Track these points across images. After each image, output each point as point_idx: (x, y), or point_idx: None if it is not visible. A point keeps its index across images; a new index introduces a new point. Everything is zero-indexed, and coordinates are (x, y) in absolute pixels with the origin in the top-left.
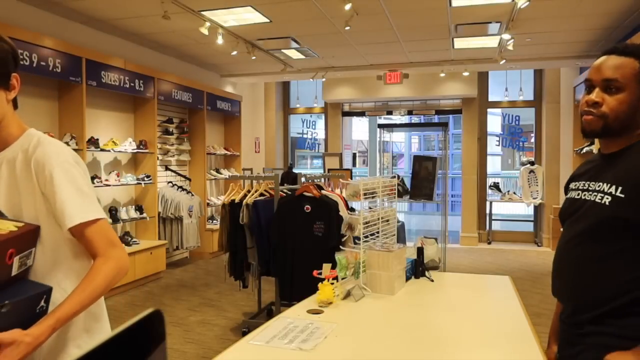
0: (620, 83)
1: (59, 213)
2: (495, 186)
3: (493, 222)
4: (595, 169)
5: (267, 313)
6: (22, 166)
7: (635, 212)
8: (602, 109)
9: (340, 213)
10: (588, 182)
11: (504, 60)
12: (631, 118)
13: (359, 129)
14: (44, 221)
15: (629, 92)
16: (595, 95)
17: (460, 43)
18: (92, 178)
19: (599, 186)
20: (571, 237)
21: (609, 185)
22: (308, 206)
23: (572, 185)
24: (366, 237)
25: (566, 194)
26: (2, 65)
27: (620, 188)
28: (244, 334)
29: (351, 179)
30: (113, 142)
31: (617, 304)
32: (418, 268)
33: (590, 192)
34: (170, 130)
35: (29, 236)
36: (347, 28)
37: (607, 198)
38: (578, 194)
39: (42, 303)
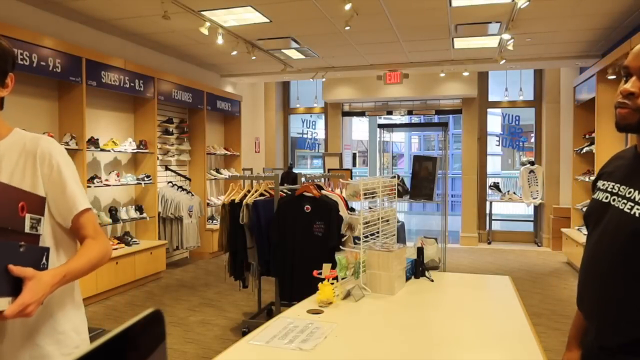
0: None
1: (69, 199)
2: (495, 186)
3: (493, 222)
4: (627, 170)
5: (267, 313)
6: (21, 157)
7: None
8: (639, 101)
9: (340, 213)
10: (618, 185)
11: (504, 60)
12: None
13: (359, 129)
14: None
15: None
16: (631, 85)
17: (460, 43)
18: (92, 178)
19: (629, 193)
20: (598, 249)
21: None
22: (308, 206)
23: (600, 184)
24: (366, 237)
25: (593, 192)
26: (3, 63)
27: None
28: (244, 334)
29: (351, 179)
30: (113, 142)
31: None
32: (418, 268)
33: (620, 199)
34: (170, 130)
35: (37, 200)
36: (347, 28)
37: (638, 209)
38: (606, 197)
39: (44, 260)
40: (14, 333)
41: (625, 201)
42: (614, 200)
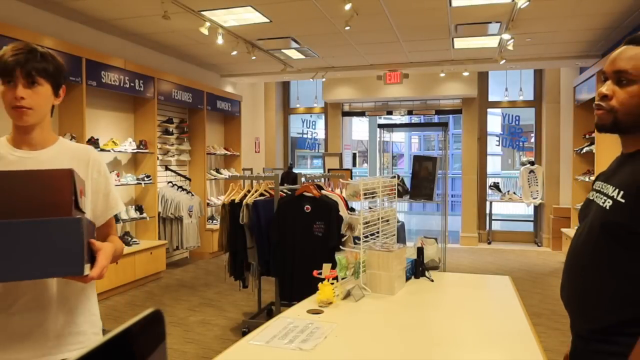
0: (632, 75)
1: (112, 201)
2: (495, 186)
3: (493, 222)
4: (613, 169)
5: (267, 313)
6: (73, 162)
7: (631, 217)
8: (611, 103)
9: (340, 213)
10: (603, 183)
11: (504, 60)
12: None
13: (359, 129)
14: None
15: None
16: (605, 88)
17: (460, 43)
18: None
19: (606, 188)
20: (577, 242)
21: (614, 188)
22: (308, 206)
23: (595, 184)
24: (366, 237)
25: None
26: (59, 76)
27: (622, 192)
28: (244, 334)
29: (351, 179)
30: (113, 142)
31: (614, 321)
32: (418, 268)
33: (600, 194)
34: (170, 130)
35: (84, 184)
36: (347, 28)
37: (609, 202)
38: (592, 195)
39: (95, 235)
40: (58, 313)
41: (602, 196)
42: (596, 197)
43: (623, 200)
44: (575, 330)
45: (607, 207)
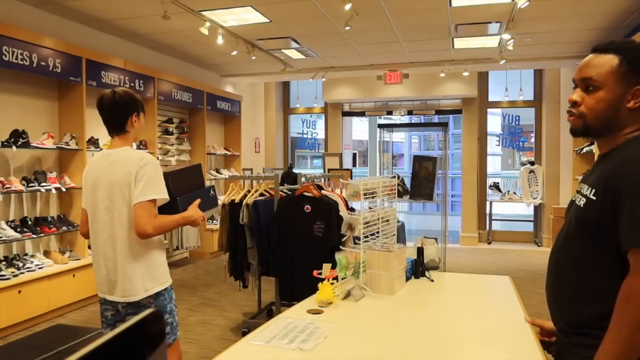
0: (597, 81)
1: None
2: (495, 186)
3: (493, 222)
4: (591, 170)
5: (267, 313)
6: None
7: (600, 213)
8: (580, 109)
9: (340, 213)
10: (582, 184)
11: (504, 60)
12: (613, 117)
13: (359, 129)
14: None
15: (607, 90)
16: (575, 95)
17: (460, 43)
18: None
19: (583, 188)
20: (557, 241)
21: (587, 187)
22: (308, 206)
23: (578, 186)
24: (366, 237)
25: None
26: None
27: (593, 190)
28: (244, 334)
29: (351, 179)
30: None
31: (590, 314)
32: (418, 268)
33: (578, 195)
34: (170, 130)
35: None
36: (347, 28)
37: (583, 200)
38: (574, 196)
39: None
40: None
41: (579, 196)
42: (576, 197)
43: (594, 198)
44: (557, 324)
45: (582, 205)
